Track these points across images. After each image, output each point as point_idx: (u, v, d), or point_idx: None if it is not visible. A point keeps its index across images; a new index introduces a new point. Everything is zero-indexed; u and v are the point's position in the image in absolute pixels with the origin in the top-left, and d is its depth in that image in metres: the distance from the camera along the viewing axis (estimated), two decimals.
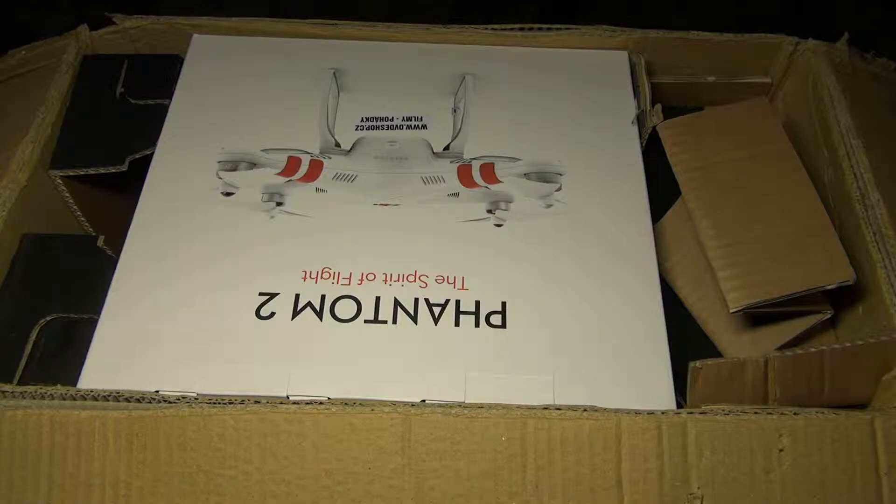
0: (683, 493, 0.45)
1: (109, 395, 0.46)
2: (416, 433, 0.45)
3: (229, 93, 0.62)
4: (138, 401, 0.46)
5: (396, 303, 0.51)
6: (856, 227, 0.56)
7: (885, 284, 0.52)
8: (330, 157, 0.58)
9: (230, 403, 0.45)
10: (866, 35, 0.68)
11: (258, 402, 0.45)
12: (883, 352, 0.49)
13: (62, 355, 0.50)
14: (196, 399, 0.46)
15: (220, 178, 0.57)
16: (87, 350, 0.48)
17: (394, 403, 0.45)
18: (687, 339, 0.52)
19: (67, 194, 0.60)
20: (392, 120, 0.61)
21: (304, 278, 0.52)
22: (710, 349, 0.57)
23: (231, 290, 0.51)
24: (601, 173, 0.58)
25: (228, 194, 0.56)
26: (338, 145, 0.59)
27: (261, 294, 0.51)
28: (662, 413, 0.45)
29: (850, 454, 0.45)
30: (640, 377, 0.48)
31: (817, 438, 0.45)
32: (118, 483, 0.45)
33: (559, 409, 0.45)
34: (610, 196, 0.57)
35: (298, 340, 0.49)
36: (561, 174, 0.58)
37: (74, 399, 0.46)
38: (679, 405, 0.47)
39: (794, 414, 0.45)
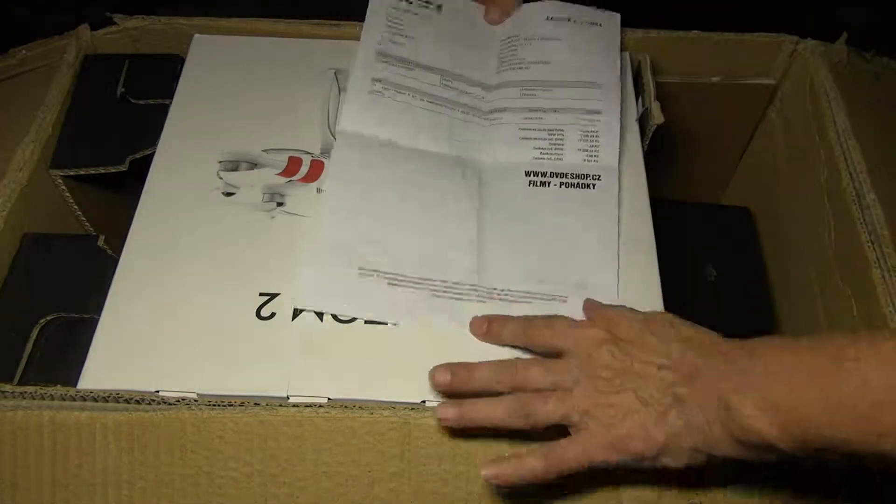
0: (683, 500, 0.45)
1: (109, 397, 0.46)
2: (415, 437, 0.45)
3: (230, 93, 0.62)
4: (138, 402, 0.46)
5: None
6: (851, 227, 0.56)
7: (879, 285, 0.52)
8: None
9: (230, 406, 0.45)
10: (866, 34, 0.68)
11: (258, 404, 0.45)
12: None
13: (62, 355, 0.50)
14: (196, 401, 0.46)
15: (221, 178, 0.57)
16: (87, 350, 0.48)
17: (393, 407, 0.46)
18: None
19: (68, 194, 0.60)
20: None
21: None
22: None
23: (231, 291, 0.51)
24: None
25: (229, 194, 0.56)
26: None
27: (261, 294, 0.51)
28: None
29: None
30: None
31: None
32: (121, 483, 0.45)
33: None
34: None
35: (299, 341, 0.49)
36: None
37: (74, 400, 0.46)
38: None
39: None
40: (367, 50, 0.61)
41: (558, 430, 0.44)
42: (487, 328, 0.49)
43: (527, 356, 0.48)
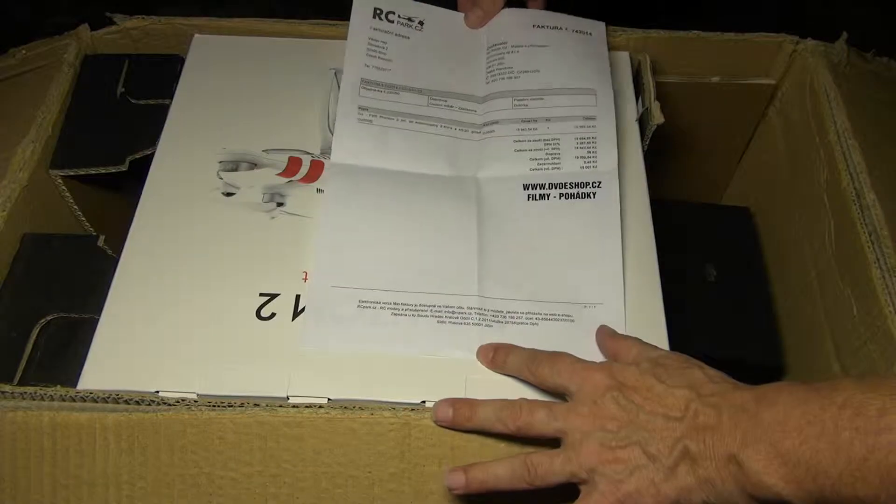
0: None
1: (109, 397, 0.46)
2: (415, 438, 0.45)
3: (230, 93, 0.62)
4: (137, 403, 0.46)
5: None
6: (851, 227, 0.56)
7: (879, 285, 0.52)
8: (331, 158, 0.58)
9: (230, 406, 0.45)
10: (866, 34, 0.68)
11: (258, 405, 0.45)
12: None
13: (62, 355, 0.51)
14: (196, 402, 0.46)
15: (221, 178, 0.57)
16: (87, 350, 0.48)
17: (393, 408, 0.46)
18: (687, 338, 0.52)
19: (68, 194, 0.60)
20: None
21: (305, 279, 0.52)
22: (710, 350, 0.57)
23: (232, 291, 0.51)
24: None
25: (229, 194, 0.56)
26: None
27: (261, 295, 0.51)
28: None
29: None
30: None
31: None
32: (121, 483, 0.45)
33: None
34: None
35: (299, 341, 0.49)
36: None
37: (74, 400, 0.46)
38: None
39: None
40: (350, 79, 0.60)
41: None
42: (493, 357, 0.48)
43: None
